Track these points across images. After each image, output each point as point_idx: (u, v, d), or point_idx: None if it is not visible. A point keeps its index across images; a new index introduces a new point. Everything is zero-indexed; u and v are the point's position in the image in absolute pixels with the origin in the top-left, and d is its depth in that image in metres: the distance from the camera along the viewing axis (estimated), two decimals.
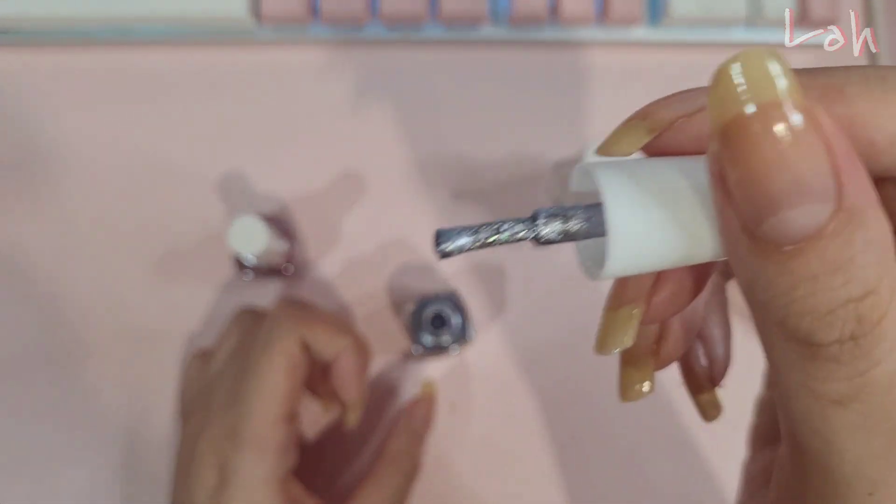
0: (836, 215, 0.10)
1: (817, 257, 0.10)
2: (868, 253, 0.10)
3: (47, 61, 0.39)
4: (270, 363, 0.29)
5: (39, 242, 0.38)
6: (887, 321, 0.11)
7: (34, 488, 0.36)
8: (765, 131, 0.10)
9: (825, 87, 0.12)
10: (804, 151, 0.10)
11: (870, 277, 0.10)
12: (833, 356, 0.11)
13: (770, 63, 0.11)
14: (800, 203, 0.10)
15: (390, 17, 0.38)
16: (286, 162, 0.39)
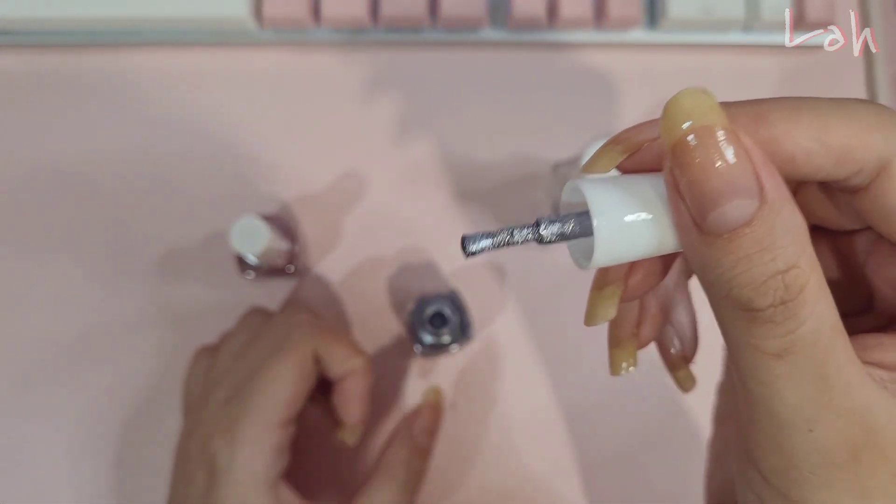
0: (760, 208, 0.14)
1: (749, 240, 0.14)
2: (787, 236, 0.14)
3: (51, 63, 0.39)
4: (281, 368, 0.29)
5: (40, 242, 0.38)
6: (808, 290, 0.14)
7: (35, 486, 0.36)
8: (701, 147, 0.14)
9: (753, 115, 0.15)
10: (730, 161, 0.14)
11: (790, 255, 0.14)
12: (769, 318, 0.14)
13: (703, 97, 0.14)
14: (731, 199, 0.14)
15: (391, 19, 0.38)
16: (288, 163, 0.39)
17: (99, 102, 0.39)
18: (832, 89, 0.41)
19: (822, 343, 0.14)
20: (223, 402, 0.29)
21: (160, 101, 0.39)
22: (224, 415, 0.29)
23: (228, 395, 0.30)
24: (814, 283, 0.14)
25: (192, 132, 0.39)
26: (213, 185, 0.39)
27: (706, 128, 0.14)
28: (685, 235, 0.15)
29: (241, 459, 0.27)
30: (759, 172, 0.14)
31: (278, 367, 0.29)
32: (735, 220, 0.14)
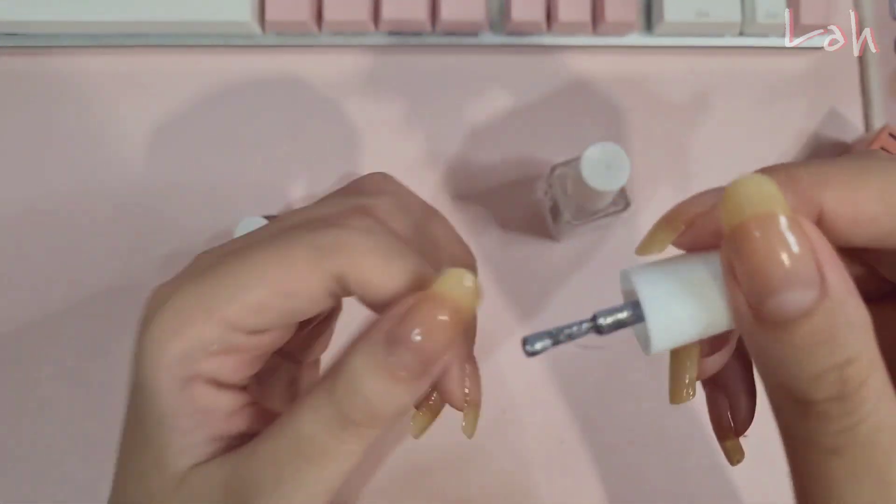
0: (821, 299, 0.13)
1: (807, 331, 0.13)
2: (849, 330, 0.13)
3: (54, 65, 0.40)
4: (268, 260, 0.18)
5: (43, 242, 0.38)
6: (867, 387, 0.13)
7: (36, 484, 0.36)
8: (762, 236, 0.14)
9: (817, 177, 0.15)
10: (792, 250, 0.13)
11: (850, 349, 0.13)
12: (824, 412, 0.14)
13: (766, 185, 0.14)
14: (791, 289, 0.13)
15: (392, 23, 0.39)
16: (290, 164, 0.40)
17: (102, 105, 0.40)
18: (829, 91, 0.42)
19: (882, 444, 0.13)
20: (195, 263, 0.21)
21: (163, 104, 0.40)
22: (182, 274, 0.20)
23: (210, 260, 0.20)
24: (876, 379, 0.13)
25: (195, 134, 0.40)
26: (217, 187, 0.39)
27: (768, 215, 0.14)
28: (740, 320, 0.14)
29: (156, 330, 0.18)
30: (821, 263, 0.13)
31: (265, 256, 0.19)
32: (794, 310, 0.13)
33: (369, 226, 0.19)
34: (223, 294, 0.18)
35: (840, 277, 0.14)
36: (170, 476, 0.19)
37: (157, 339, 0.18)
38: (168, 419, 0.18)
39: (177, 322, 0.18)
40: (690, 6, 0.39)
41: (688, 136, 0.41)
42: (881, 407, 0.13)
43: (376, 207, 0.20)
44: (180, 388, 0.18)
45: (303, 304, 0.19)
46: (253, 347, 0.19)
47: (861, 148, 0.38)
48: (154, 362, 0.18)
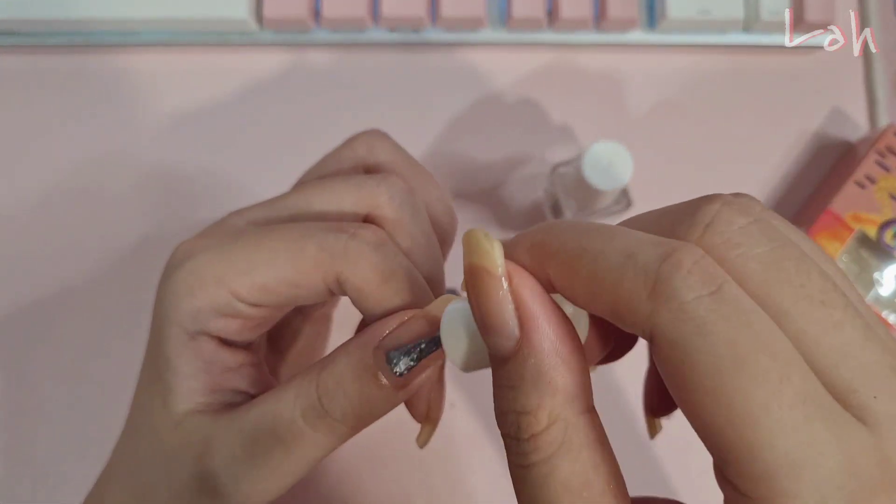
0: (515, 351, 0.15)
1: (501, 374, 0.15)
2: (534, 383, 0.15)
3: (52, 64, 0.40)
4: (283, 249, 0.20)
5: (44, 243, 0.38)
6: (541, 439, 0.15)
7: (36, 484, 0.36)
8: (477, 283, 0.15)
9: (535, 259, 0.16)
10: (496, 302, 0.15)
11: (528, 403, 0.15)
12: (507, 445, 0.15)
13: (483, 240, 0.16)
14: (493, 333, 0.15)
15: (391, 20, 0.38)
16: (289, 163, 0.39)
17: (100, 103, 0.39)
18: (832, 89, 0.41)
19: (550, 493, 0.14)
20: (223, 225, 0.23)
21: (161, 102, 0.40)
22: (208, 232, 0.22)
23: (237, 225, 0.22)
24: (553, 438, 0.15)
25: (192, 132, 0.39)
26: (215, 185, 0.39)
27: (483, 268, 0.15)
28: None
29: (175, 285, 0.21)
30: (525, 319, 0.15)
31: (280, 245, 0.20)
32: (496, 352, 0.15)
33: (378, 240, 0.20)
34: (236, 269, 0.20)
35: (542, 334, 0.15)
36: (171, 415, 0.21)
37: (175, 293, 0.21)
38: (174, 362, 0.21)
39: (193, 283, 0.20)
40: (693, 3, 0.38)
41: (690, 134, 0.40)
42: (556, 461, 0.14)
43: (383, 208, 0.22)
44: (189, 338, 0.21)
45: (303, 293, 0.20)
46: (256, 317, 0.21)
47: (866, 147, 0.38)
48: (169, 313, 0.21)
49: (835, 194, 0.37)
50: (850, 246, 0.36)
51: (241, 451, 0.20)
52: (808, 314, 0.13)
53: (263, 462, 0.19)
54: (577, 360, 0.15)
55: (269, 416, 0.20)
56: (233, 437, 0.20)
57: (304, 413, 0.19)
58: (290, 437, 0.19)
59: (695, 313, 0.13)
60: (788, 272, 0.14)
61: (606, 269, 0.14)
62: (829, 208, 0.36)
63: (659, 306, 0.13)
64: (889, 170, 0.37)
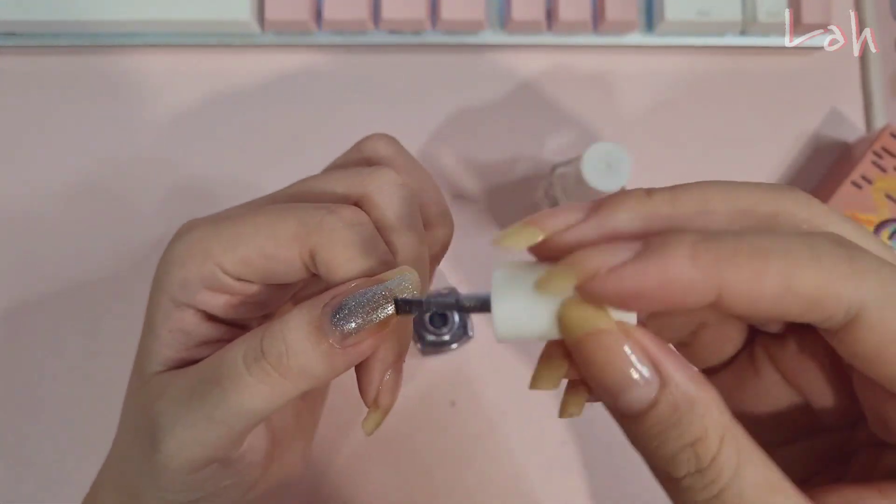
0: (661, 391, 0.15)
1: (655, 421, 0.15)
2: (692, 412, 0.15)
3: (55, 65, 0.40)
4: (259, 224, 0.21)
5: (46, 243, 0.38)
6: (721, 457, 0.15)
7: (36, 484, 0.36)
8: (594, 349, 0.15)
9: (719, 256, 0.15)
10: (624, 355, 0.15)
11: (696, 429, 0.15)
12: (689, 486, 0.15)
13: (583, 309, 0.15)
14: (630, 389, 0.15)
15: (392, 22, 0.39)
16: (291, 163, 0.39)
17: (103, 104, 0.40)
18: (829, 91, 0.41)
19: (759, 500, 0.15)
20: (227, 210, 0.23)
21: (164, 103, 0.40)
22: (212, 215, 0.23)
23: (237, 210, 0.23)
24: (729, 447, 0.15)
25: (195, 133, 0.40)
26: (216, 186, 0.39)
27: (596, 332, 0.15)
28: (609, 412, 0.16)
29: (169, 256, 0.22)
30: (655, 359, 0.15)
31: (262, 220, 0.21)
32: (639, 405, 0.15)
33: (355, 220, 0.21)
34: (222, 243, 0.21)
35: (676, 366, 0.15)
36: (142, 377, 0.22)
37: (169, 263, 0.22)
38: (156, 329, 0.22)
39: (185, 254, 0.21)
40: (691, 5, 0.39)
41: (688, 135, 0.41)
42: (741, 471, 0.15)
43: (372, 194, 0.22)
44: (174, 307, 0.22)
45: (280, 266, 0.21)
46: (241, 293, 0.22)
47: (863, 147, 0.38)
48: (161, 282, 0.22)
49: (832, 195, 0.37)
50: None
51: (183, 393, 0.20)
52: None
53: (199, 405, 0.20)
54: (701, 375, 0.16)
55: (215, 362, 0.20)
56: (180, 385, 0.21)
57: (244, 355, 0.19)
58: (228, 378, 0.19)
59: (886, 276, 0.14)
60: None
61: (799, 262, 0.14)
62: None
63: (865, 280, 0.14)
64: (885, 170, 0.37)
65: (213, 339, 0.22)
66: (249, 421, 0.20)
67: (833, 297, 0.14)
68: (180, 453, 0.20)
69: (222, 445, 0.20)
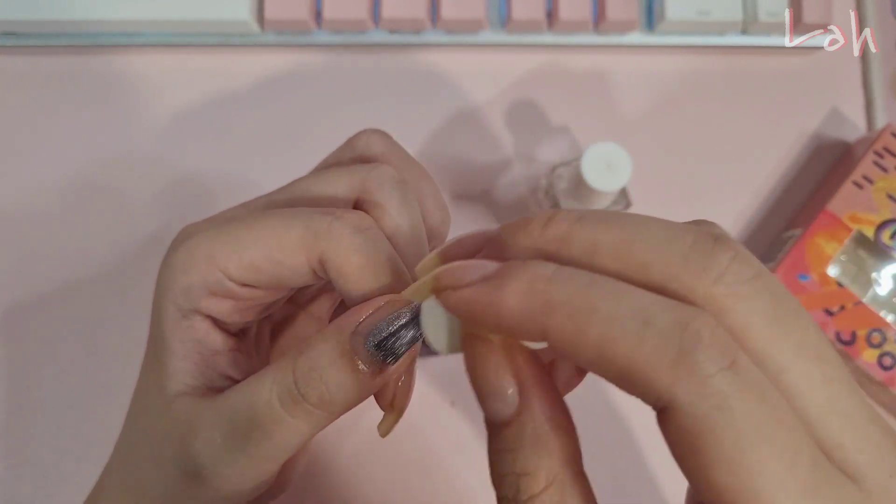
0: (516, 415, 0.16)
1: (500, 438, 0.16)
2: (532, 448, 0.15)
3: (55, 64, 0.40)
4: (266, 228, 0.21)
5: (47, 245, 0.38)
6: (539, 500, 0.15)
7: (36, 484, 0.36)
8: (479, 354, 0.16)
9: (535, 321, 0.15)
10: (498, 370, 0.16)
11: (528, 464, 0.15)
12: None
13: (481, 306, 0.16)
14: (492, 400, 0.16)
15: (392, 21, 0.38)
16: (290, 163, 0.39)
17: (103, 104, 0.40)
18: (830, 90, 0.41)
19: None
20: (227, 212, 0.23)
21: (163, 103, 0.40)
22: (211, 218, 0.23)
23: (238, 213, 0.23)
24: (550, 495, 0.15)
25: (195, 133, 0.40)
26: (217, 186, 0.39)
27: (478, 337, 0.16)
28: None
29: (171, 262, 0.22)
30: (524, 385, 0.16)
31: (268, 224, 0.21)
32: (494, 417, 0.16)
33: (362, 224, 0.21)
34: (226, 248, 0.21)
35: (542, 400, 0.16)
36: (163, 396, 0.21)
37: (171, 269, 0.21)
38: (168, 341, 0.21)
39: (187, 261, 0.21)
40: (692, 5, 0.39)
41: (689, 135, 0.41)
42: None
43: (372, 192, 0.22)
44: (182, 316, 0.21)
45: (287, 272, 0.21)
46: (247, 298, 0.22)
47: (864, 147, 0.38)
48: (165, 291, 0.21)
49: (833, 195, 0.37)
50: (848, 246, 0.36)
51: (220, 435, 0.20)
52: (804, 370, 0.14)
53: (242, 447, 0.20)
54: (570, 424, 0.16)
55: (247, 401, 0.20)
56: (213, 420, 0.20)
57: (280, 398, 0.19)
58: (268, 422, 0.19)
59: (717, 388, 0.13)
60: (788, 327, 0.14)
61: (622, 334, 0.14)
62: (827, 208, 0.36)
63: (681, 379, 0.13)
64: (887, 170, 0.37)
65: (226, 348, 0.22)
66: (293, 450, 0.20)
67: (641, 380, 0.14)
68: (227, 488, 0.20)
69: (266, 479, 0.21)
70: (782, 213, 0.40)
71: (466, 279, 0.16)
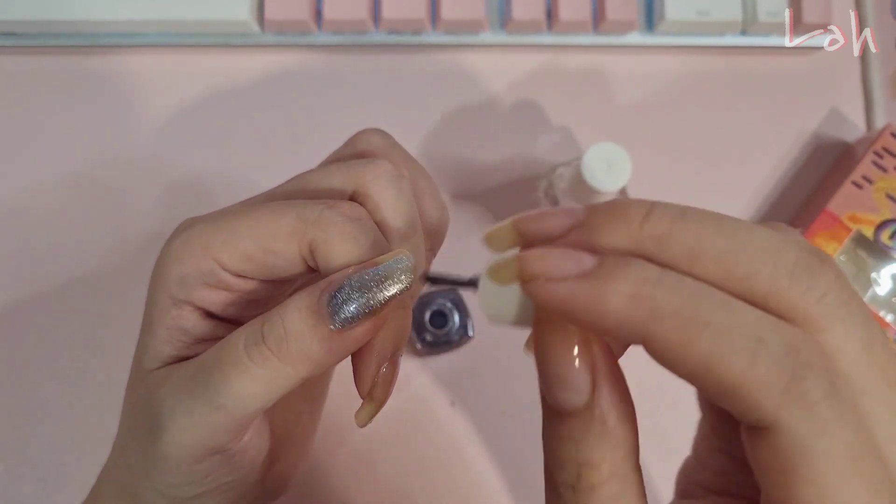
0: (585, 407, 0.15)
1: (566, 427, 0.16)
2: (597, 440, 0.15)
3: (56, 65, 0.40)
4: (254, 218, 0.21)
5: (47, 242, 0.38)
6: (598, 492, 0.15)
7: (37, 484, 0.36)
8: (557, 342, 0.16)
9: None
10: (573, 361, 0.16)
11: (592, 455, 0.15)
12: (558, 492, 0.16)
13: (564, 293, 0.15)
14: (564, 389, 0.16)
15: (392, 22, 0.39)
16: (290, 164, 0.39)
17: (103, 104, 0.40)
18: (830, 90, 0.41)
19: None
20: (227, 207, 0.23)
21: (163, 103, 0.40)
22: (211, 212, 0.23)
23: (236, 207, 0.23)
24: (611, 490, 0.15)
25: (194, 133, 0.40)
26: (216, 186, 0.39)
27: (558, 326, 0.16)
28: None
29: (168, 252, 0.22)
30: (596, 377, 0.15)
31: (262, 215, 0.21)
32: (562, 405, 0.16)
33: (354, 214, 0.21)
34: (221, 238, 0.21)
35: (611, 394, 0.15)
36: (140, 372, 0.22)
37: (167, 259, 0.22)
38: (154, 326, 0.22)
39: (183, 251, 0.21)
40: (691, 5, 0.39)
41: (689, 135, 0.41)
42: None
43: (368, 185, 0.22)
44: (172, 304, 0.21)
45: (279, 261, 0.21)
46: (240, 289, 0.22)
47: (864, 147, 0.38)
48: (160, 279, 0.22)
49: (832, 195, 0.37)
50: (848, 246, 0.36)
51: (184, 381, 0.20)
52: (884, 396, 0.15)
53: (201, 391, 0.20)
54: (634, 417, 0.16)
55: (217, 351, 0.20)
56: (182, 371, 0.21)
57: (245, 340, 0.19)
58: (228, 363, 0.19)
59: (822, 415, 0.13)
60: (876, 355, 0.15)
61: (733, 351, 0.13)
62: (826, 208, 0.37)
63: (789, 404, 0.13)
64: (886, 170, 0.37)
65: (212, 336, 0.22)
66: (250, 407, 0.20)
67: (746, 400, 0.14)
68: (181, 440, 0.20)
69: (223, 432, 0.20)
70: (782, 213, 0.40)
71: (562, 272, 0.15)
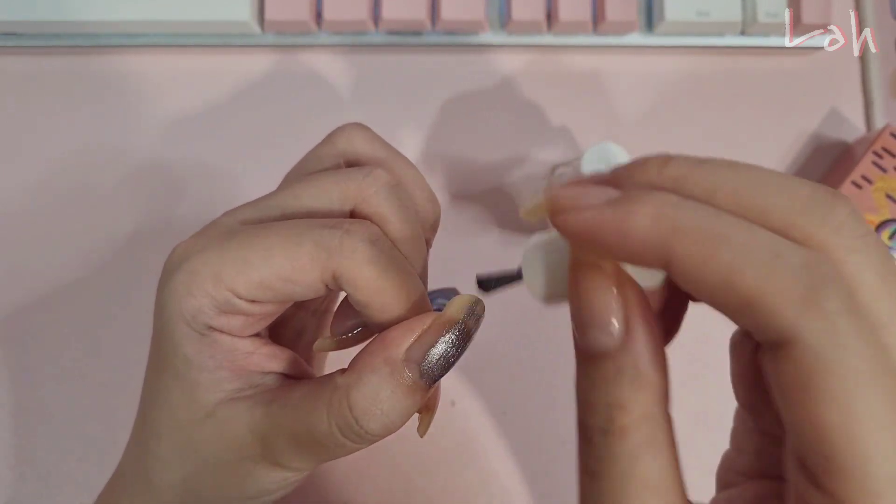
0: (619, 348, 0.15)
1: (599, 368, 0.16)
2: (629, 382, 0.15)
3: (56, 65, 0.40)
4: (279, 246, 0.20)
5: (47, 242, 0.38)
6: (629, 434, 0.15)
7: (37, 483, 0.36)
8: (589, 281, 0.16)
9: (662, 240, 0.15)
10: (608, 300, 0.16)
11: (624, 397, 0.15)
12: (590, 438, 0.16)
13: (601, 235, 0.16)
14: (598, 329, 0.16)
15: (392, 23, 0.39)
16: (289, 164, 0.39)
17: (103, 105, 0.40)
18: (829, 91, 0.42)
19: (629, 487, 0.15)
20: (216, 225, 0.23)
21: (163, 104, 0.40)
22: (202, 234, 0.23)
23: (229, 225, 0.23)
24: (642, 433, 0.15)
25: (195, 134, 0.40)
26: (216, 187, 0.39)
27: (593, 265, 0.16)
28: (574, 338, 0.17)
29: (174, 285, 0.21)
30: (631, 320, 0.16)
31: (275, 242, 0.21)
32: (594, 346, 0.16)
33: (372, 236, 0.21)
34: (233, 267, 0.20)
35: (646, 339, 0.16)
36: (198, 409, 0.21)
37: (175, 293, 0.21)
38: (195, 360, 0.21)
39: (191, 283, 0.21)
40: (691, 6, 0.39)
41: (688, 135, 0.41)
42: (639, 456, 0.15)
43: (370, 201, 0.22)
44: (199, 336, 0.21)
45: (300, 289, 0.21)
46: (256, 313, 0.22)
47: (863, 147, 0.38)
48: (173, 314, 0.21)
49: None
50: None
51: (286, 445, 0.21)
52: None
53: (309, 455, 0.21)
54: (666, 364, 0.16)
55: (306, 426, 0.21)
56: (275, 431, 0.21)
57: (342, 430, 0.20)
58: (332, 445, 0.20)
59: (842, 328, 0.13)
60: (893, 286, 0.15)
61: (751, 263, 0.14)
62: None
63: (808, 315, 0.13)
64: (886, 170, 0.37)
65: (254, 348, 0.22)
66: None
67: (765, 312, 0.14)
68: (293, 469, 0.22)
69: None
70: None
71: (589, 201, 0.15)
